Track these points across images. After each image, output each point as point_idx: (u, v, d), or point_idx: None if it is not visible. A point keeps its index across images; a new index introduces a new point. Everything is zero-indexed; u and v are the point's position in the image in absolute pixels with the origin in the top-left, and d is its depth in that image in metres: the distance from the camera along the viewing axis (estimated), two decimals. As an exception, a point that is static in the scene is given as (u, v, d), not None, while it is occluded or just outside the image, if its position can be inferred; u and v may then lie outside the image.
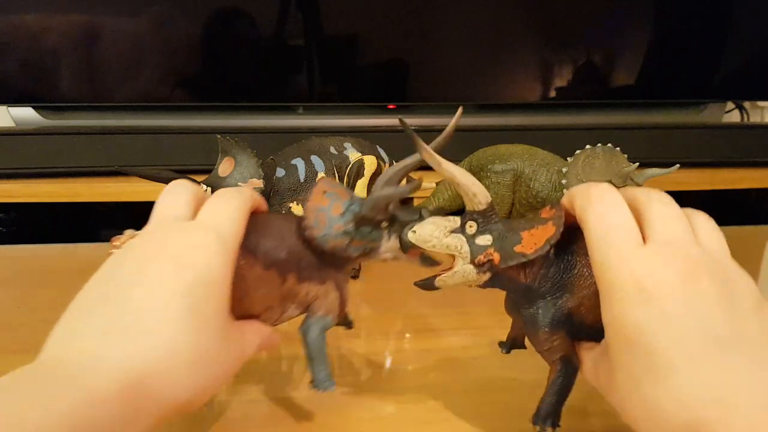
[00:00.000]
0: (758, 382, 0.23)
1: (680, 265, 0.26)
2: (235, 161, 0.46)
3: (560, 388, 0.30)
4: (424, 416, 0.35)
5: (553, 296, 0.30)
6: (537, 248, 0.28)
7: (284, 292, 0.32)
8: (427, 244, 0.29)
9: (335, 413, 0.35)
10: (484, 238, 0.29)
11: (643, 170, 0.48)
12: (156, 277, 0.26)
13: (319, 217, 0.31)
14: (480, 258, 0.29)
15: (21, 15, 0.81)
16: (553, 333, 0.29)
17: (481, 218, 0.29)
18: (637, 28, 0.95)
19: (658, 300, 0.25)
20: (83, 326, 0.25)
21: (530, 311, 0.30)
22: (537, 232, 0.29)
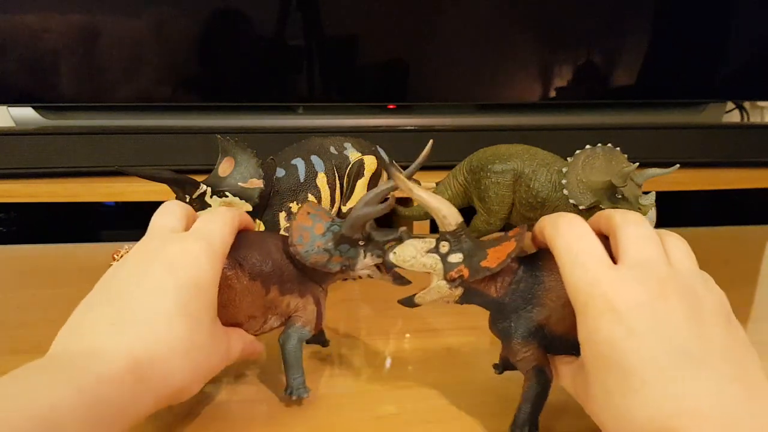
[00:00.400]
0: (721, 393, 0.24)
1: (650, 285, 0.27)
2: (235, 161, 0.46)
3: (535, 397, 0.31)
4: (424, 416, 0.35)
5: (524, 309, 0.32)
6: (500, 262, 0.31)
7: (267, 303, 0.35)
8: (407, 263, 0.32)
9: (335, 413, 0.35)
10: (456, 256, 0.32)
11: (643, 170, 0.48)
12: (152, 280, 0.29)
13: (303, 235, 0.35)
14: (451, 274, 0.31)
15: (21, 15, 0.81)
16: (526, 344, 0.31)
17: (453, 238, 0.32)
18: (637, 28, 0.95)
19: (628, 318, 0.26)
20: (89, 323, 0.28)
21: (504, 324, 0.32)
22: (501, 248, 0.31)
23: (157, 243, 0.31)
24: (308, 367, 0.41)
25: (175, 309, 0.28)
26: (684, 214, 1.02)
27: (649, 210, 0.47)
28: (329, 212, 0.37)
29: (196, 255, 0.30)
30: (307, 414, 0.35)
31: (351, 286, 0.55)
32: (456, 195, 0.57)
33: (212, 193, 0.44)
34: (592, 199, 0.49)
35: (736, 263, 0.65)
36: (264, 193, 0.46)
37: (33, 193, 0.76)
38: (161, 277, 0.29)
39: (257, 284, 0.34)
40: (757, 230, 0.83)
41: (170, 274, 0.29)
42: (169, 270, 0.29)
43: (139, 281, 0.29)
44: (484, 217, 0.55)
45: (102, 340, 0.27)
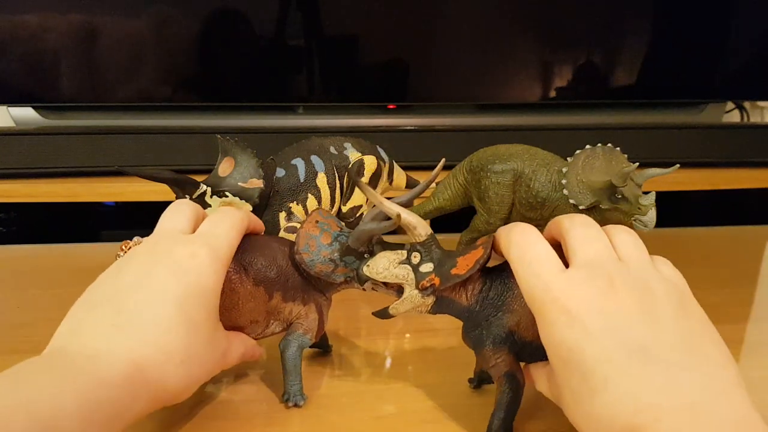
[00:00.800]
0: (678, 384, 0.25)
1: (599, 283, 0.28)
2: (235, 161, 0.46)
3: (508, 403, 0.32)
4: (424, 416, 0.35)
5: (494, 317, 0.32)
6: (469, 269, 0.31)
7: (270, 309, 0.35)
8: (380, 275, 0.33)
9: (335, 413, 0.35)
10: (427, 265, 0.32)
11: (643, 170, 0.48)
12: (155, 283, 0.29)
13: (310, 243, 0.35)
14: (423, 283, 0.32)
15: (21, 15, 0.81)
16: (497, 350, 0.32)
17: (423, 248, 0.33)
18: (637, 28, 0.95)
19: (581, 319, 0.27)
20: (89, 322, 0.28)
21: (475, 332, 0.33)
22: (469, 256, 0.32)
23: (164, 244, 0.31)
24: (308, 367, 0.41)
25: (176, 315, 0.28)
26: (684, 214, 1.03)
27: (649, 210, 0.47)
28: (339, 221, 0.37)
29: (201, 260, 0.30)
30: (307, 414, 0.35)
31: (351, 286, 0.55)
32: (456, 195, 0.57)
33: (212, 193, 0.44)
34: (592, 199, 0.49)
35: (736, 263, 0.65)
36: (264, 193, 0.46)
37: (33, 193, 0.76)
38: (165, 281, 0.29)
39: (261, 290, 0.35)
40: (757, 230, 0.83)
41: (174, 278, 0.29)
42: (173, 274, 0.29)
43: (142, 283, 0.29)
44: (484, 217, 0.55)
45: (102, 341, 0.27)
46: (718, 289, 0.55)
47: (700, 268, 0.61)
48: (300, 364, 0.36)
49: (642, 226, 0.47)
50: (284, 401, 0.35)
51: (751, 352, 0.44)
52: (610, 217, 0.48)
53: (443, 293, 0.33)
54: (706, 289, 0.34)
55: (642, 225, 0.47)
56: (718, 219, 0.93)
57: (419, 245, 0.33)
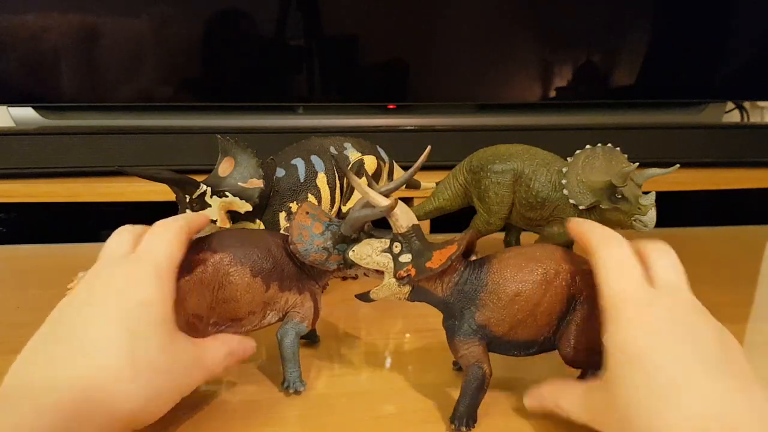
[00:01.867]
0: (753, 401, 0.25)
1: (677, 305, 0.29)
2: (235, 161, 0.46)
3: (473, 390, 0.33)
4: (424, 416, 0.35)
5: (467, 309, 0.34)
6: (441, 263, 0.33)
7: (267, 299, 0.36)
8: (363, 261, 0.34)
9: (335, 413, 0.35)
10: (406, 256, 0.34)
11: (643, 170, 0.48)
12: (95, 307, 0.29)
13: (303, 234, 0.36)
14: (400, 273, 0.34)
15: (21, 15, 0.81)
16: (467, 341, 0.34)
17: (404, 239, 0.34)
18: (637, 28, 0.95)
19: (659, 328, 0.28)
20: (36, 358, 0.28)
21: (449, 323, 0.35)
22: (444, 251, 0.33)
23: (103, 270, 0.32)
24: (308, 367, 0.41)
25: (118, 334, 0.28)
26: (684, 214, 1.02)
27: (649, 210, 0.47)
28: (327, 212, 0.38)
29: (138, 275, 0.31)
30: (307, 413, 0.35)
31: (351, 286, 0.55)
32: (456, 195, 0.57)
33: (212, 193, 0.44)
34: (592, 199, 0.49)
35: (736, 263, 0.66)
36: (264, 193, 0.46)
37: (33, 193, 0.76)
38: (104, 303, 0.29)
39: (258, 281, 0.35)
40: (757, 230, 0.83)
41: (113, 298, 0.29)
42: (113, 295, 0.30)
43: (83, 309, 0.29)
44: (484, 217, 0.55)
45: (45, 373, 0.27)
46: (718, 289, 0.55)
47: (700, 268, 0.61)
48: (298, 352, 0.37)
49: (642, 226, 0.47)
50: (284, 389, 0.36)
51: (751, 352, 0.44)
52: (610, 217, 0.48)
53: (419, 283, 0.34)
54: (706, 289, 0.34)
55: (642, 225, 0.47)
56: (718, 219, 0.92)
57: (400, 236, 0.34)
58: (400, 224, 0.34)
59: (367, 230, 0.36)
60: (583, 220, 0.35)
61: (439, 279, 0.34)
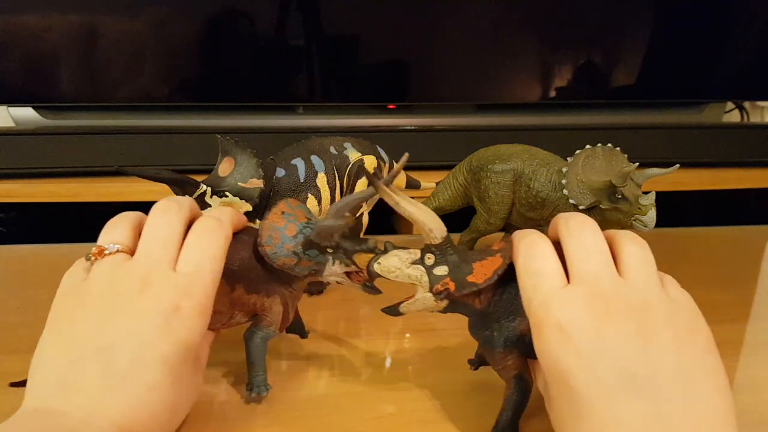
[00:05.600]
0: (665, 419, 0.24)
1: (596, 304, 0.27)
2: (235, 161, 0.46)
3: (515, 403, 0.32)
4: (424, 416, 0.35)
5: (506, 319, 0.32)
6: (486, 278, 0.31)
7: (233, 300, 0.35)
8: (391, 274, 0.32)
9: (335, 413, 0.35)
10: (441, 268, 0.32)
11: (643, 170, 0.48)
12: (143, 342, 0.28)
13: (273, 236, 0.34)
14: (437, 287, 0.32)
15: (21, 15, 0.81)
16: (507, 353, 0.32)
17: (438, 251, 0.32)
18: (637, 28, 0.95)
19: (575, 341, 0.26)
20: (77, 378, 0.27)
21: (486, 334, 0.33)
22: (486, 263, 0.32)
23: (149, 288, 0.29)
24: (308, 367, 0.41)
25: (164, 377, 0.28)
26: (684, 214, 1.02)
27: (649, 210, 0.47)
28: (309, 212, 0.36)
29: (186, 314, 0.29)
30: (307, 414, 0.35)
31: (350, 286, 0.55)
32: (456, 195, 0.57)
33: (212, 193, 0.44)
34: (592, 199, 0.49)
35: (736, 263, 0.65)
36: (264, 193, 0.46)
37: (33, 193, 0.76)
38: (153, 341, 0.28)
39: (222, 282, 0.34)
40: (757, 230, 0.83)
41: (161, 339, 0.28)
42: (160, 333, 0.28)
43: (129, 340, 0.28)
44: (484, 217, 0.55)
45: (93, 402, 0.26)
46: (718, 289, 0.55)
47: (700, 268, 0.61)
48: (263, 355, 0.36)
49: (642, 226, 0.47)
50: (248, 391, 0.36)
51: (751, 352, 0.44)
52: (610, 217, 0.48)
53: (457, 298, 0.32)
54: (706, 289, 0.34)
55: (642, 225, 0.47)
56: (718, 219, 0.92)
57: (434, 247, 0.32)
58: (435, 235, 0.32)
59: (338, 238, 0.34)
60: None
61: (476, 291, 0.32)
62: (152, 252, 0.31)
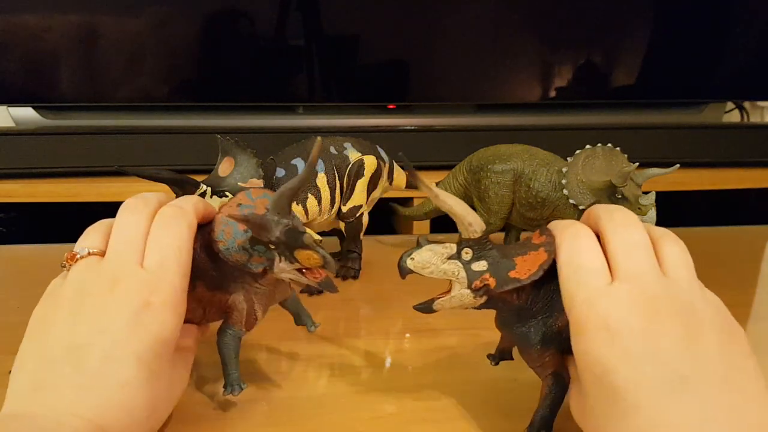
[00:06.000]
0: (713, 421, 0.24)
1: (643, 304, 0.27)
2: (235, 161, 0.46)
3: (552, 401, 0.31)
4: (424, 416, 0.35)
5: (544, 315, 0.31)
6: (531, 273, 0.30)
7: (198, 297, 0.33)
8: (425, 270, 0.31)
9: (335, 413, 0.35)
10: (480, 264, 0.31)
11: (643, 170, 0.48)
12: (115, 339, 0.28)
13: (225, 231, 0.32)
14: (476, 283, 0.30)
15: (21, 15, 0.81)
16: (545, 350, 0.31)
17: (476, 245, 0.31)
18: (637, 28, 0.95)
19: (621, 339, 0.26)
20: (50, 380, 0.27)
21: (522, 330, 0.32)
22: (530, 258, 0.30)
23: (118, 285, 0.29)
24: (308, 367, 0.41)
25: (138, 374, 0.28)
26: (684, 214, 1.03)
27: (649, 210, 0.47)
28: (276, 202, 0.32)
29: (157, 310, 0.29)
30: (307, 414, 0.35)
31: (351, 285, 0.55)
32: (456, 195, 0.57)
33: (212, 193, 0.44)
34: (592, 199, 0.49)
35: (736, 263, 0.65)
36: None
37: (33, 193, 0.76)
38: (124, 338, 0.28)
39: None
40: (757, 230, 0.83)
41: (133, 335, 0.28)
42: (131, 329, 0.28)
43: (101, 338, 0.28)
44: (484, 217, 0.55)
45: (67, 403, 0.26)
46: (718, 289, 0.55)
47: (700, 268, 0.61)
48: (233, 354, 0.34)
49: (642, 226, 0.47)
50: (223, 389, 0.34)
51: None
52: (610, 217, 0.48)
53: (496, 294, 0.31)
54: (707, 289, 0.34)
55: (642, 225, 0.47)
56: (718, 219, 0.93)
57: (472, 241, 0.31)
58: (474, 229, 0.30)
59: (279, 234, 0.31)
60: None
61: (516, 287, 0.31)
62: (119, 251, 0.30)
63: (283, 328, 0.42)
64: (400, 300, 0.52)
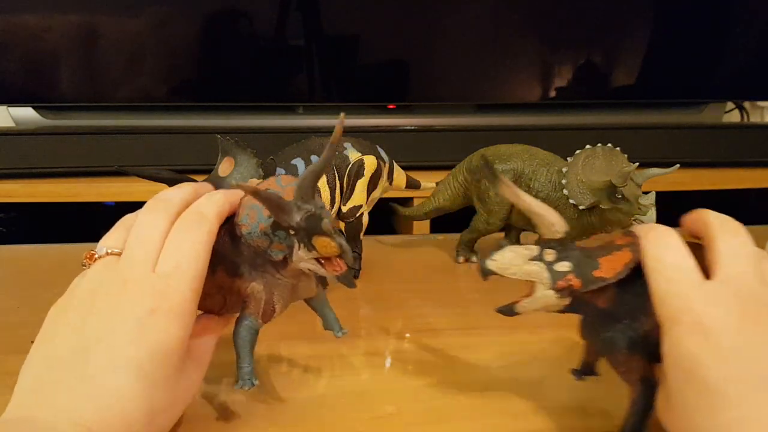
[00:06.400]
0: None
1: (740, 303, 0.26)
2: (235, 161, 0.46)
3: (642, 408, 0.31)
4: (424, 416, 0.35)
5: (629, 319, 0.31)
6: (616, 272, 0.29)
7: (218, 284, 0.32)
8: (507, 271, 0.31)
9: (335, 413, 0.35)
10: (563, 264, 0.30)
11: (643, 170, 0.48)
12: (115, 346, 0.27)
13: (250, 215, 0.31)
14: (560, 283, 0.30)
15: (21, 15, 0.81)
16: (632, 355, 0.30)
17: (559, 246, 0.31)
18: (637, 28, 0.96)
19: (715, 335, 0.26)
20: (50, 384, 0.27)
21: (608, 335, 0.31)
22: (614, 258, 0.30)
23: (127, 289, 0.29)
24: (308, 367, 0.41)
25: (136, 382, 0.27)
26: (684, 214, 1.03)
27: (649, 210, 0.47)
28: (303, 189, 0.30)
29: (160, 319, 0.28)
30: (307, 414, 0.35)
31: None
32: (456, 195, 0.57)
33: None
34: (592, 199, 0.49)
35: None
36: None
37: (33, 193, 0.76)
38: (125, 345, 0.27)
39: None
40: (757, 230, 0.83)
41: (134, 343, 0.27)
42: (133, 337, 0.27)
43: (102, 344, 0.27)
44: (484, 217, 0.55)
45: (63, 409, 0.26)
46: (718, 289, 0.55)
47: (700, 268, 0.61)
48: (248, 346, 0.32)
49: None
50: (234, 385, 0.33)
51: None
52: (610, 217, 0.48)
53: (580, 295, 0.30)
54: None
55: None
56: (718, 219, 0.93)
57: (554, 242, 0.30)
58: (557, 230, 0.30)
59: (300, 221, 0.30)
60: None
61: (600, 289, 0.30)
62: (134, 253, 0.30)
63: (283, 329, 0.42)
64: (400, 300, 0.52)
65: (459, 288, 0.54)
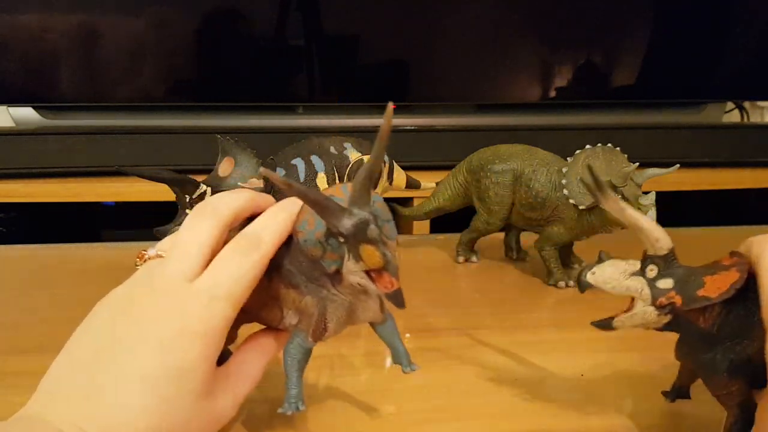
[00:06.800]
0: None
1: None
2: (235, 161, 0.46)
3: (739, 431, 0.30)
4: (424, 416, 0.35)
5: (732, 341, 0.30)
6: (721, 292, 0.29)
7: (273, 294, 0.30)
8: (607, 285, 0.30)
9: (335, 413, 0.35)
10: (665, 281, 0.30)
11: (643, 170, 0.48)
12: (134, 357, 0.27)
13: (309, 220, 0.28)
14: (662, 300, 0.30)
15: (21, 15, 0.81)
16: (732, 379, 0.30)
17: (663, 262, 0.30)
18: (637, 28, 0.96)
19: None
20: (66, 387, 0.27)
21: (708, 356, 0.31)
22: (720, 278, 0.29)
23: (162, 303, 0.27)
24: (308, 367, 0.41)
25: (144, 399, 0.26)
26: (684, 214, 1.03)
27: (649, 210, 0.47)
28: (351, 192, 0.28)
29: (186, 343, 0.27)
30: (307, 414, 0.35)
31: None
32: (456, 195, 0.57)
33: (212, 193, 0.44)
34: (592, 199, 0.49)
35: (736, 263, 0.65)
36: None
37: (33, 193, 0.76)
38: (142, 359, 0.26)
39: None
40: (757, 230, 0.83)
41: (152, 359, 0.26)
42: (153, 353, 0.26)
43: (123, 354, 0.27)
44: (484, 217, 0.55)
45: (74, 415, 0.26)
46: (718, 289, 0.55)
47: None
48: (296, 365, 0.31)
49: (642, 226, 0.47)
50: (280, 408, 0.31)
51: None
52: (610, 217, 0.48)
53: (681, 313, 0.30)
54: (707, 289, 0.33)
55: (642, 225, 0.47)
56: (718, 219, 0.93)
57: (658, 258, 0.30)
58: (661, 246, 0.29)
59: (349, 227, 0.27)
60: None
61: (702, 308, 0.30)
62: (173, 259, 0.29)
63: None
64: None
65: (459, 288, 0.54)
